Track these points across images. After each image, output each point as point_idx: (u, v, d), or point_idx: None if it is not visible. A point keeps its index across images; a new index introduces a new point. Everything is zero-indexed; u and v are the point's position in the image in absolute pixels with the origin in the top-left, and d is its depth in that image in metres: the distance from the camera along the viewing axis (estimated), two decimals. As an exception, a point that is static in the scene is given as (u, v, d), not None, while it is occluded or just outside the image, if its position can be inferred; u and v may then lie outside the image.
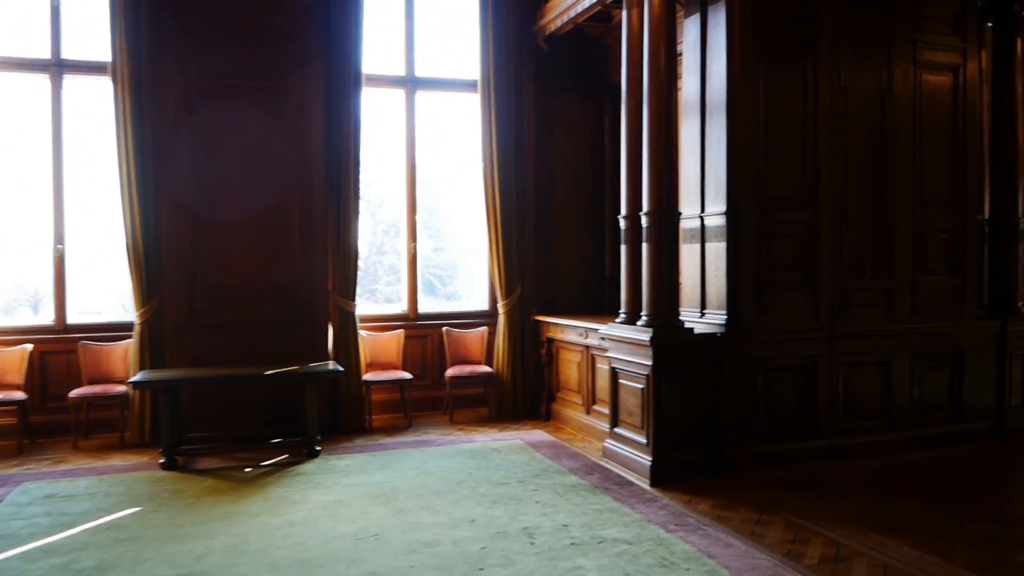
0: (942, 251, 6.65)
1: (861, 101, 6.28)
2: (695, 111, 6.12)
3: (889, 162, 6.39)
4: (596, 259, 8.59)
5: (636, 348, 5.78)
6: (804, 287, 6.11)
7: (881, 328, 6.35)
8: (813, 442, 6.10)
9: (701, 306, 6.13)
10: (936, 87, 6.57)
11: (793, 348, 6.04)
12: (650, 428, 5.67)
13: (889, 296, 6.43)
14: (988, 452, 6.53)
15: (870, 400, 6.33)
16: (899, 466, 6.07)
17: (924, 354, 6.52)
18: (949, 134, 6.64)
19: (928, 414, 6.55)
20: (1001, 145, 6.98)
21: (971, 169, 6.74)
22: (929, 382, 6.56)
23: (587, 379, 7.25)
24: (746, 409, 5.88)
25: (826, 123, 6.13)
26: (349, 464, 6.23)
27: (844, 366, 6.21)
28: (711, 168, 6.00)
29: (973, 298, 6.79)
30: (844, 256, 6.25)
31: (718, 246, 5.94)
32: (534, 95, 8.24)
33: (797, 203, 6.08)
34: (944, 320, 6.62)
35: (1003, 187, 6.98)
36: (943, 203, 6.64)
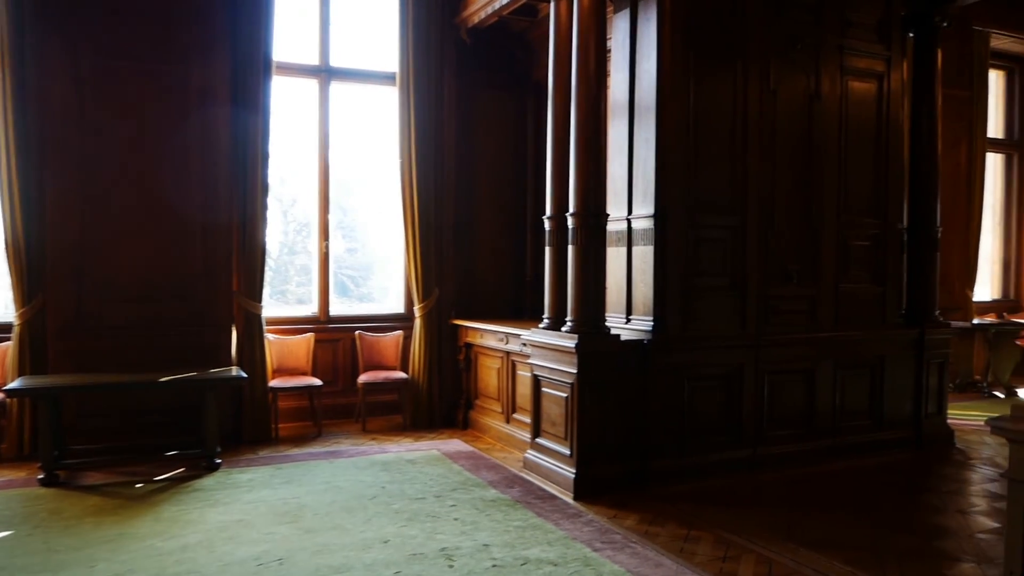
0: (864, 259, 6.64)
1: (790, 105, 6.20)
2: (623, 110, 5.92)
3: (816, 168, 6.34)
4: (517, 262, 8.33)
5: (560, 355, 5.52)
6: (731, 293, 5.98)
7: (806, 336, 6.28)
8: (738, 452, 5.97)
9: (627, 312, 5.93)
10: (862, 95, 6.56)
11: (720, 356, 5.90)
12: (574, 439, 5.43)
13: (814, 304, 6.37)
14: (906, 461, 6.55)
15: (794, 409, 6.26)
16: (822, 476, 6.00)
17: (846, 363, 6.49)
18: (873, 141, 6.64)
19: (849, 423, 6.52)
20: (920, 155, 7.04)
21: (893, 177, 6.76)
22: (851, 391, 6.53)
23: (507, 386, 6.97)
24: (672, 419, 5.70)
25: (755, 127, 6.02)
26: (252, 478, 5.77)
27: (769, 374, 6.11)
28: (639, 169, 5.80)
29: (893, 306, 6.81)
30: (771, 262, 6.15)
31: (645, 250, 5.75)
32: (456, 90, 7.93)
33: (726, 207, 5.95)
34: (866, 328, 6.61)
35: (922, 197, 7.04)
36: (866, 211, 6.63)
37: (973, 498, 5.54)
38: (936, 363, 7.00)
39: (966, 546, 4.54)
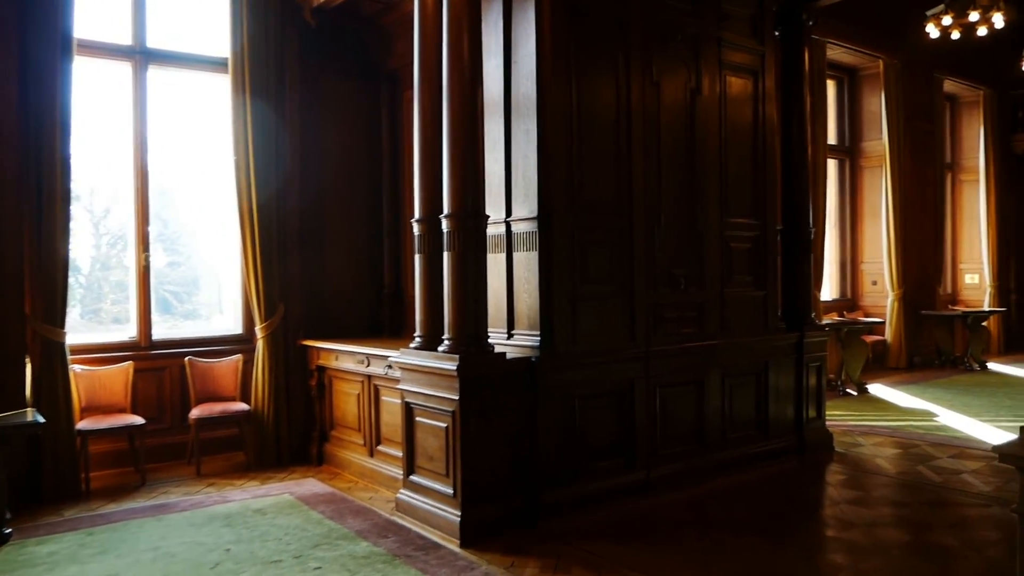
0: (747, 263, 6.34)
1: (673, 99, 5.79)
2: (498, 100, 5.27)
3: (699, 166, 5.96)
4: (374, 272, 7.48)
5: (438, 379, 4.77)
6: (620, 302, 5.46)
7: (695, 345, 5.88)
8: (632, 475, 5.45)
9: (508, 326, 5.27)
10: (740, 90, 6.27)
11: (610, 371, 5.36)
12: (457, 475, 4.68)
13: (701, 310, 5.98)
14: (794, 471, 6.30)
15: (685, 424, 5.83)
16: (718, 495, 5.60)
17: (734, 371, 6.15)
18: (751, 139, 6.37)
19: (737, 434, 6.18)
20: (792, 155, 6.86)
21: (770, 178, 6.52)
22: (738, 400, 6.20)
23: (370, 415, 6.11)
24: (563, 444, 5.09)
25: (639, 121, 5.55)
26: (54, 551, 4.60)
27: (661, 388, 5.64)
28: (519, 167, 5.17)
29: (774, 311, 6.57)
30: (659, 268, 5.69)
31: (528, 256, 5.11)
32: (299, 79, 6.98)
33: (612, 209, 5.43)
34: (750, 334, 6.30)
35: (794, 198, 6.86)
36: (747, 212, 6.34)
37: (875, 508, 5.29)
38: (814, 366, 6.84)
39: (896, 564, 4.21)
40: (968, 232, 14.51)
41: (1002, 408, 8.80)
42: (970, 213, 14.47)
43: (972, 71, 13.82)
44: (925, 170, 13.12)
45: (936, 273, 13.44)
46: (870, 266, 12.87)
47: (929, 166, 13.23)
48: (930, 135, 13.21)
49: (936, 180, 13.43)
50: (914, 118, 12.73)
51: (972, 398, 9.46)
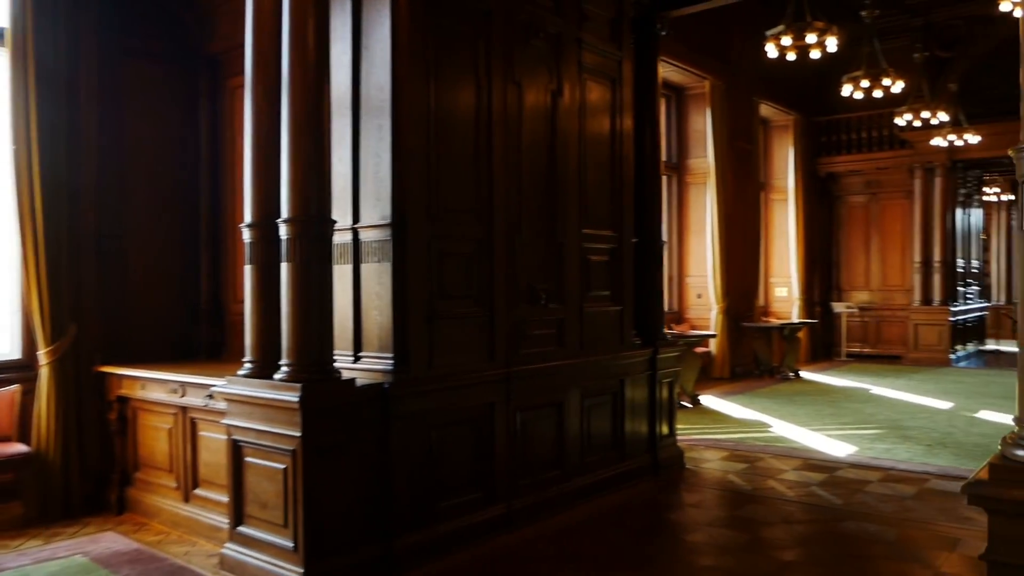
0: (604, 276, 6.05)
1: (534, 102, 5.38)
2: (345, 91, 4.62)
3: (560, 173, 5.58)
4: (189, 286, 6.52)
5: (276, 412, 4.04)
6: (480, 319, 4.96)
7: (556, 364, 5.48)
8: (492, 510, 4.94)
9: (356, 347, 4.61)
10: (599, 96, 5.98)
11: (469, 396, 4.83)
12: (299, 525, 3.97)
13: (562, 327, 5.60)
14: (651, 492, 6.07)
15: (546, 449, 5.41)
16: (582, 525, 5.22)
17: (592, 391, 5.82)
18: (608, 146, 6.09)
19: (596, 457, 5.84)
20: (644, 166, 6.66)
21: (627, 189, 6.28)
22: (596, 421, 5.87)
23: (185, 453, 5.22)
24: (420, 480, 4.50)
25: (500, 122, 5.09)
26: None
27: (521, 412, 5.19)
28: (368, 167, 4.54)
29: (630, 326, 6.32)
30: (520, 281, 5.25)
31: (380, 267, 4.50)
32: (98, 59, 5.93)
33: (471, 215, 4.92)
34: (608, 351, 6.01)
35: (647, 210, 6.67)
36: (604, 224, 6.05)
37: (742, 530, 5.10)
38: (667, 382, 6.67)
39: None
40: (778, 248, 15.32)
41: (826, 416, 9.14)
42: (780, 230, 15.29)
43: (784, 97, 14.63)
44: (745, 188, 13.69)
45: (754, 287, 14.05)
46: (695, 280, 13.20)
47: (749, 184, 13.83)
48: (749, 155, 13.82)
49: (754, 198, 14.07)
50: (736, 138, 13.25)
51: (796, 407, 9.80)
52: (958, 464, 6.69)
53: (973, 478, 2.10)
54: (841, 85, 10.41)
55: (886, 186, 15.53)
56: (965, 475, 6.29)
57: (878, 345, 15.65)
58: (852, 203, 16.08)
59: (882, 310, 15.64)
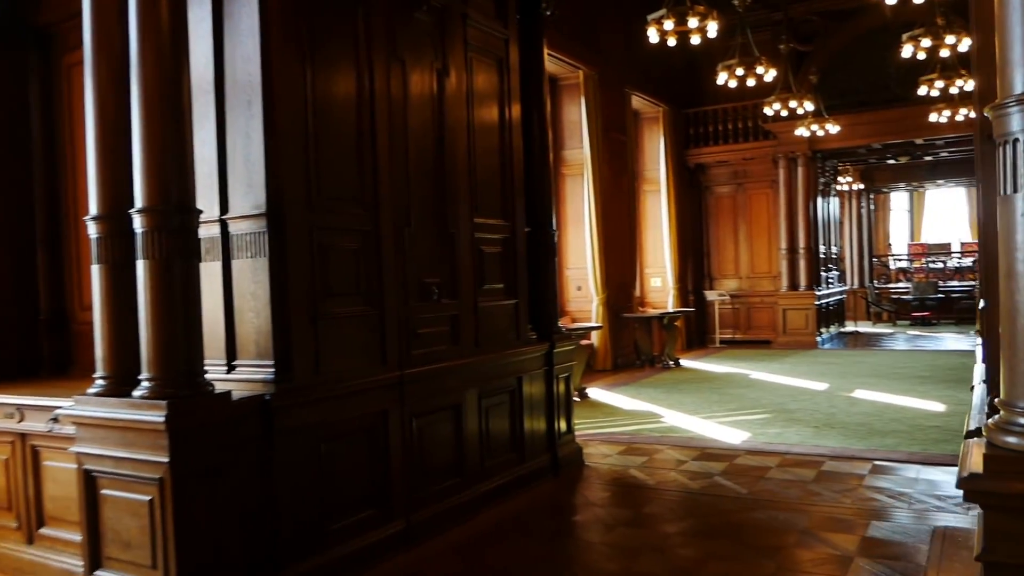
0: (498, 268, 5.71)
1: (420, 80, 4.97)
2: (206, 66, 4.05)
3: (449, 157, 5.20)
4: (24, 292, 5.67)
5: (137, 435, 3.45)
6: (369, 318, 4.50)
7: (451, 364, 5.09)
8: (390, 526, 4.50)
9: (229, 355, 4.06)
10: (486, 77, 5.64)
11: (360, 403, 4.37)
12: (170, 565, 3.40)
13: (456, 323, 5.22)
14: (554, 493, 5.79)
15: (445, 456, 5.02)
16: (487, 535, 4.87)
17: (489, 390, 5.48)
18: (497, 131, 5.76)
19: (496, 460, 5.51)
20: (533, 153, 6.36)
21: (518, 175, 5.96)
22: (495, 423, 5.53)
23: (26, 487, 4.48)
24: (309, 501, 4.01)
25: (384, 102, 4.64)
26: None
27: (417, 417, 4.77)
28: (238, 149, 4.00)
29: (525, 320, 6.01)
30: (410, 276, 4.83)
31: (254, 263, 3.97)
32: (-101, 29, 5.06)
33: (356, 204, 4.46)
34: (504, 348, 5.68)
35: (537, 198, 6.37)
36: (497, 213, 5.72)
37: (652, 528, 4.89)
38: (564, 378, 6.42)
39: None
40: (652, 239, 15.48)
41: (713, 403, 9.18)
42: (653, 221, 15.46)
43: (654, 89, 14.79)
44: (620, 179, 13.73)
45: (632, 278, 14.13)
46: (575, 272, 13.11)
47: (623, 175, 13.88)
48: (623, 146, 13.87)
49: (629, 189, 14.14)
50: (610, 129, 13.24)
51: (683, 395, 9.81)
52: (848, 444, 6.78)
53: (966, 472, 1.88)
54: (712, 75, 10.53)
55: (752, 176, 16.01)
56: (858, 455, 6.38)
57: (749, 331, 16.13)
58: (720, 193, 16.50)
59: (751, 297, 16.12)
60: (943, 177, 21.76)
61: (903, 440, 6.83)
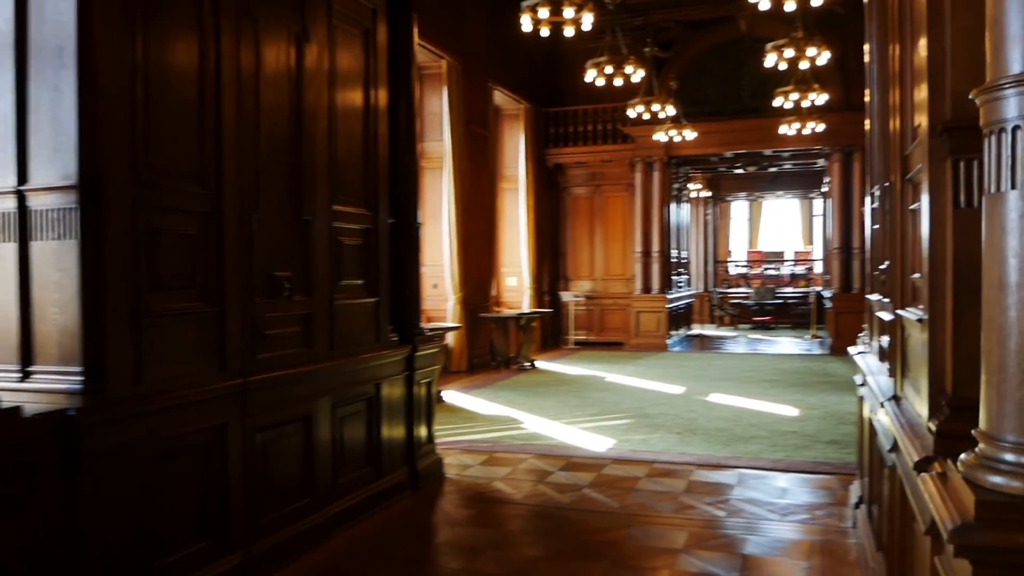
0: (358, 262, 5.14)
1: (276, 47, 4.32)
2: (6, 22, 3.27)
3: (307, 135, 4.58)
4: None
5: None
6: (207, 316, 3.83)
7: (303, 370, 4.48)
8: (227, 559, 3.85)
9: (24, 359, 3.29)
10: (350, 46, 5.04)
11: (193, 416, 3.70)
12: (-71, 632, 2.65)
13: (309, 323, 4.60)
14: (414, 511, 5.28)
15: (293, 474, 4.41)
16: (340, 562, 4.31)
17: (344, 399, 4.90)
18: (362, 110, 5.19)
19: (351, 476, 4.95)
20: (399, 139, 5.83)
21: (382, 161, 5.41)
22: (350, 435, 4.96)
23: None
24: (127, 534, 3.31)
25: (232, 68, 3.97)
26: None
27: (261, 431, 4.14)
28: (43, 104, 3.24)
29: (386, 320, 5.47)
30: (257, 268, 4.18)
31: (60, 247, 3.23)
32: None
33: (195, 183, 3.78)
34: (363, 351, 5.11)
35: (401, 187, 5.84)
36: (358, 200, 5.14)
37: (524, 550, 4.49)
38: (425, 383, 5.92)
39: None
40: (509, 237, 15.21)
41: (573, 408, 8.95)
42: (511, 220, 15.20)
43: (516, 85, 14.53)
44: (480, 175, 13.36)
45: (489, 276, 13.80)
46: (431, 269, 12.58)
47: (483, 171, 13.52)
48: (485, 141, 13.50)
49: (489, 185, 13.80)
50: (472, 123, 12.84)
51: (542, 399, 9.54)
52: (713, 451, 6.68)
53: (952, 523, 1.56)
54: (573, 75, 10.41)
55: (609, 179, 16.09)
56: (724, 463, 6.27)
57: (602, 332, 16.19)
58: (578, 194, 16.48)
59: (605, 298, 16.19)
60: (782, 189, 22.89)
61: (765, 447, 6.81)
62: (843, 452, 6.57)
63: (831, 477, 5.86)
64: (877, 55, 3.86)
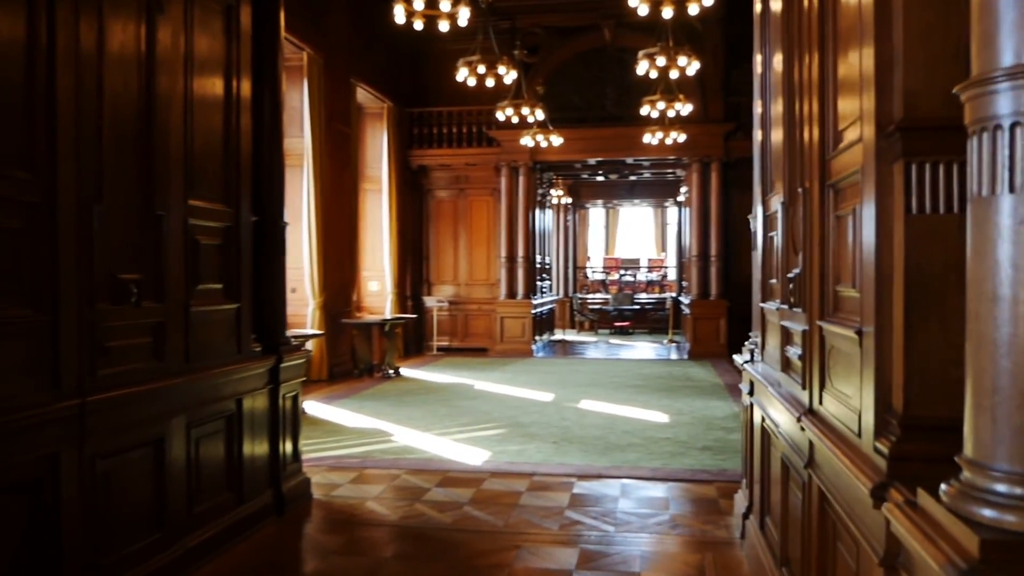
0: (217, 264, 4.60)
1: (122, 22, 3.75)
2: None
3: (160, 118, 4.03)
4: None
5: None
6: (35, 327, 3.24)
7: (152, 386, 3.92)
8: (58, 614, 3.27)
9: None
10: (210, 28, 4.51)
11: (16, 447, 3.11)
12: None
13: (161, 333, 4.05)
14: (281, 540, 4.79)
15: (142, 506, 3.84)
16: (198, 607, 3.78)
17: (201, 418, 4.36)
18: (223, 94, 4.66)
19: (208, 504, 4.40)
20: (263, 129, 5.31)
21: (244, 154, 4.89)
22: (208, 458, 4.43)
23: None
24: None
25: (69, 45, 3.39)
26: None
27: (104, 458, 3.57)
28: None
29: (248, 329, 4.94)
30: (100, 269, 3.60)
31: None
32: None
33: (19, 167, 3.18)
34: (223, 363, 4.58)
35: (265, 182, 5.33)
36: (217, 195, 4.61)
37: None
38: (291, 396, 5.43)
39: None
40: (371, 240, 14.69)
41: (443, 417, 8.63)
42: (373, 222, 14.69)
43: (380, 82, 14.06)
44: (342, 175, 12.80)
45: (352, 280, 13.25)
46: (290, 272, 11.73)
47: (346, 171, 12.97)
48: (348, 140, 12.96)
49: (351, 186, 13.24)
50: (334, 120, 12.27)
51: (410, 409, 9.16)
52: (591, 461, 6.53)
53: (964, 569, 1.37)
54: (439, 75, 10.09)
55: (474, 182, 15.87)
56: (604, 473, 6.13)
57: (466, 338, 15.94)
58: (442, 197, 16.16)
59: (469, 304, 15.96)
60: (639, 197, 23.49)
61: (642, 455, 6.75)
62: (717, 459, 6.60)
63: (710, 486, 5.83)
64: (776, 66, 3.79)
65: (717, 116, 14.57)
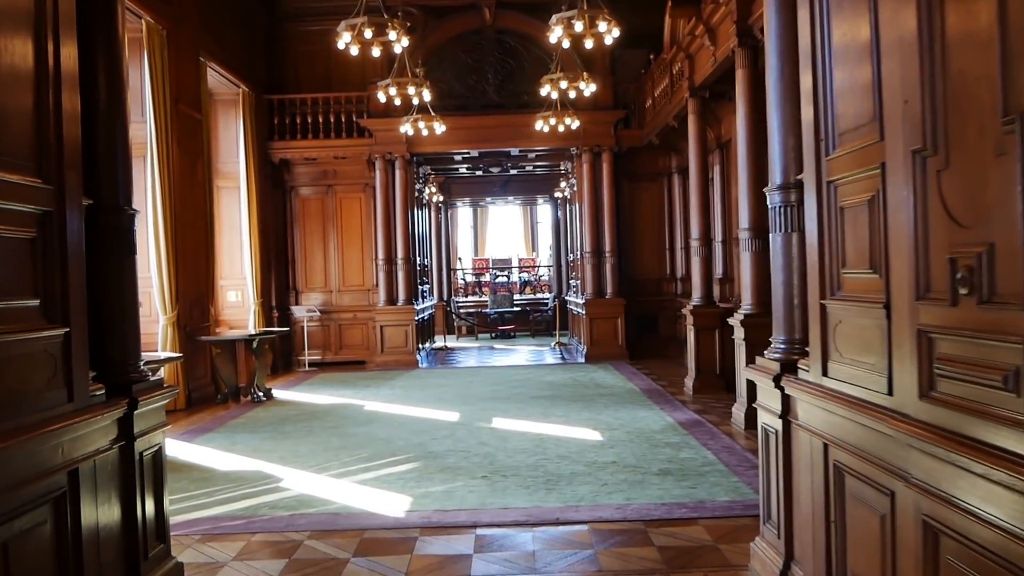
0: (26, 268, 3.03)
1: None
2: None
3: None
4: None
5: None
6: None
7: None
8: None
9: None
10: None
11: None
12: None
13: (-69, 384, 2.47)
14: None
15: None
16: None
17: (9, 509, 2.79)
18: (33, 34, 3.09)
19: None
20: (98, 99, 3.75)
21: (70, 108, 3.32)
22: (24, 568, 2.86)
23: None
24: None
25: None
26: None
27: None
28: None
29: (84, 363, 3.37)
30: None
31: None
32: None
33: None
34: (43, 420, 3.01)
35: (105, 164, 3.77)
36: (25, 162, 3.04)
37: None
38: (151, 454, 3.87)
39: None
40: (228, 244, 12.85)
41: (338, 451, 7.16)
42: (230, 223, 12.86)
43: (234, 64, 12.28)
44: (195, 168, 10.98)
45: (208, 291, 11.42)
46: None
47: (198, 163, 11.14)
48: (199, 127, 11.13)
49: (204, 182, 11.39)
50: (182, 103, 10.45)
51: (296, 442, 7.61)
52: (540, 502, 5.30)
53: None
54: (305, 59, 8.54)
55: (345, 177, 14.32)
56: (564, 518, 4.88)
57: (341, 351, 14.36)
58: (308, 195, 14.50)
59: (343, 312, 14.39)
60: (512, 194, 22.49)
61: (595, 487, 5.60)
62: (685, 487, 5.54)
63: (695, 525, 4.75)
64: None
65: (607, 103, 13.74)
